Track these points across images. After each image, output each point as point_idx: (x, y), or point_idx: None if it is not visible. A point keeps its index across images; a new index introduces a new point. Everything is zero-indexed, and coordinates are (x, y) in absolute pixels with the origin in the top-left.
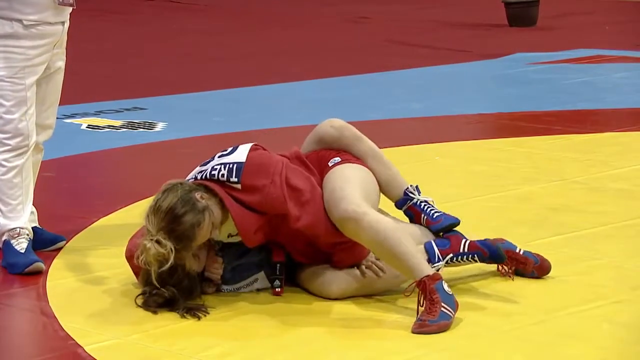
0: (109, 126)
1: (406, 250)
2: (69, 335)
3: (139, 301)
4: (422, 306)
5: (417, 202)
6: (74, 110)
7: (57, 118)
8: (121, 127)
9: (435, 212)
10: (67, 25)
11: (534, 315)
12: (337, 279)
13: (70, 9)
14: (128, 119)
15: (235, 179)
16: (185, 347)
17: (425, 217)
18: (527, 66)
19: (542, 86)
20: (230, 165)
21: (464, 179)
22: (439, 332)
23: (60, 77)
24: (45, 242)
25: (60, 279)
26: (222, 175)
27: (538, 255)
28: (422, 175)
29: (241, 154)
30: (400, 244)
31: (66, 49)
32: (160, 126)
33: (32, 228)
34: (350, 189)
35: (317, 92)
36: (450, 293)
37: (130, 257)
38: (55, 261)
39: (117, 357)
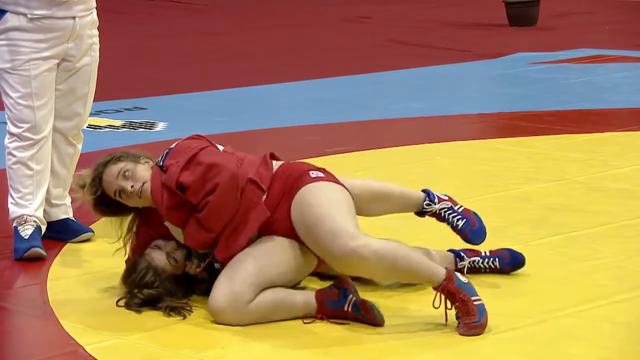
0: (109, 126)
1: (418, 262)
2: (69, 335)
3: (122, 302)
4: (450, 309)
5: (436, 211)
6: None
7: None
8: (121, 127)
9: (459, 218)
10: (80, 21)
11: (534, 315)
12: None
13: (83, 5)
14: (128, 119)
15: (161, 162)
16: (185, 347)
17: (450, 226)
18: (527, 66)
19: (542, 86)
20: (164, 151)
21: (464, 179)
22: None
23: (88, 71)
24: (70, 233)
25: (60, 279)
26: (158, 161)
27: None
28: (422, 175)
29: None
30: (410, 259)
31: (97, 47)
32: (160, 126)
33: (65, 219)
34: (341, 217)
35: (317, 92)
36: (467, 281)
37: (127, 260)
38: (55, 261)
39: (117, 357)
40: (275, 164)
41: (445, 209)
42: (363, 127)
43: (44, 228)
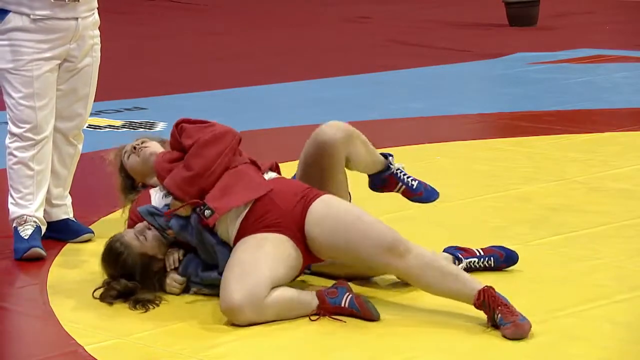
0: (109, 126)
1: (452, 268)
2: (69, 335)
3: (97, 294)
4: (495, 316)
5: (394, 171)
6: None
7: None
8: (121, 126)
9: (412, 179)
10: (83, 21)
11: (534, 315)
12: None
13: (86, 6)
14: (128, 119)
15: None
16: (185, 347)
17: (403, 187)
18: (527, 66)
19: (542, 86)
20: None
21: (464, 179)
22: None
23: (89, 71)
24: (71, 233)
25: (60, 279)
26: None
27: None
28: (422, 175)
29: None
30: (446, 264)
31: (99, 47)
32: (160, 126)
33: (65, 220)
34: (377, 225)
35: (317, 92)
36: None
37: None
38: (56, 261)
39: (117, 357)
40: (268, 175)
41: (400, 170)
42: (363, 127)
43: (44, 228)
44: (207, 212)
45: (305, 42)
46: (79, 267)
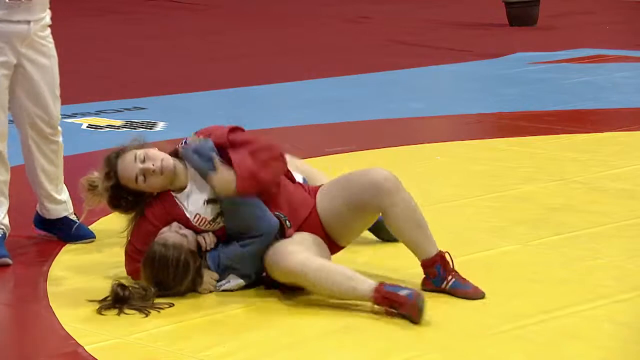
0: (109, 126)
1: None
2: (69, 335)
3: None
4: (449, 280)
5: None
6: (74, 110)
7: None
8: (121, 126)
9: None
10: (35, 25)
11: (534, 315)
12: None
13: (39, 7)
14: (128, 119)
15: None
16: (185, 347)
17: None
18: (527, 66)
19: (542, 86)
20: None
21: (464, 178)
22: None
23: (49, 72)
24: (72, 236)
25: (60, 279)
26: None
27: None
28: (422, 175)
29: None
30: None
31: (53, 46)
32: (160, 126)
33: (66, 217)
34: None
35: (317, 92)
36: None
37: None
38: (55, 261)
39: (117, 357)
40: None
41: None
42: (363, 127)
43: (8, 233)
44: (288, 223)
45: (305, 42)
46: (79, 267)
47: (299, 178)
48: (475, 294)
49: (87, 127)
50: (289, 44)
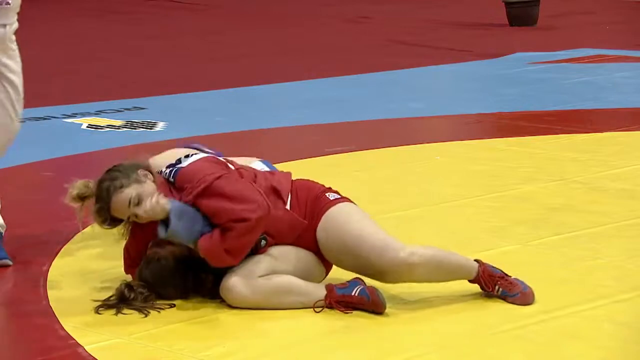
0: (109, 126)
1: (457, 260)
2: (69, 335)
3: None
4: (496, 292)
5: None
6: (74, 110)
7: (56, 117)
8: (121, 126)
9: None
10: (10, 28)
11: (534, 315)
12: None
13: (14, 10)
14: (128, 119)
15: (172, 179)
16: (185, 347)
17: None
18: (527, 66)
19: (542, 86)
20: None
21: (463, 178)
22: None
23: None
24: None
25: (60, 279)
26: (165, 173)
27: None
28: (422, 175)
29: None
30: (449, 258)
31: (17, 51)
32: (160, 126)
33: None
34: (379, 232)
35: (317, 92)
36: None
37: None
38: (55, 261)
39: (117, 357)
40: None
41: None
42: (363, 127)
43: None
44: (262, 242)
45: (305, 42)
46: (78, 268)
47: (257, 166)
48: (523, 301)
49: (87, 127)
50: (289, 44)
